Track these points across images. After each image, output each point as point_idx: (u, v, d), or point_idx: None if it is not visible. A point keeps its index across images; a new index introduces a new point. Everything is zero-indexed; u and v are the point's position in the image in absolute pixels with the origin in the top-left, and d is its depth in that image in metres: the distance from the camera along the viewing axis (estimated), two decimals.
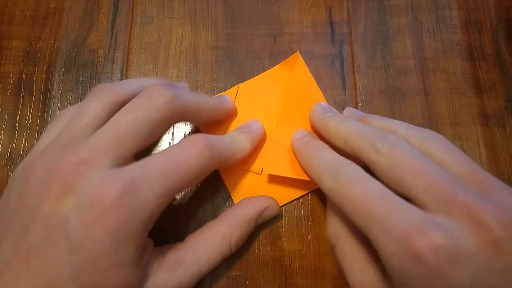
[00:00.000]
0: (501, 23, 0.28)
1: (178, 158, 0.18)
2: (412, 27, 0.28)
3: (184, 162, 0.18)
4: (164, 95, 0.19)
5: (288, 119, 0.24)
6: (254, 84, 0.26)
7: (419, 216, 0.15)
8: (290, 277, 0.23)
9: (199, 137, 0.19)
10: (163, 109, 0.18)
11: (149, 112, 0.18)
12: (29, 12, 0.28)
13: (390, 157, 0.18)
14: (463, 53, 0.27)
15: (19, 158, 0.25)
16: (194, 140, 0.19)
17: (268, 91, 0.26)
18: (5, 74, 0.26)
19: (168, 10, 0.28)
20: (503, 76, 0.27)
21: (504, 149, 0.25)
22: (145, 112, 0.18)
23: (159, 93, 0.19)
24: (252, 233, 0.23)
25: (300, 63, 0.26)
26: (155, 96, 0.18)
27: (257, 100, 0.25)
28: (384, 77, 0.27)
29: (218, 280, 0.22)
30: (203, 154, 0.18)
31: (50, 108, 0.26)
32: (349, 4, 0.28)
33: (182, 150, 0.18)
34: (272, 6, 0.28)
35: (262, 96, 0.25)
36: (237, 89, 0.26)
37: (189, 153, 0.18)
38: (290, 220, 0.24)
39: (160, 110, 0.18)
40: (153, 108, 0.18)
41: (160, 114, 0.18)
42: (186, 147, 0.18)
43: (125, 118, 0.18)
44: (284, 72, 0.26)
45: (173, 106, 0.19)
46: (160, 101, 0.18)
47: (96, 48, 0.27)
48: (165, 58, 0.27)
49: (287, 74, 0.26)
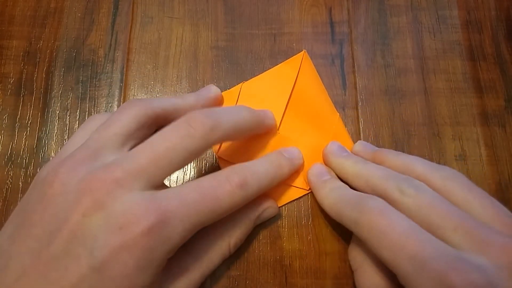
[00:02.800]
0: (501, 23, 0.28)
1: (211, 195, 0.18)
2: (412, 26, 0.28)
3: (216, 199, 0.18)
4: (203, 124, 0.18)
5: (292, 117, 0.25)
6: (258, 83, 0.26)
7: (453, 253, 0.16)
8: (290, 277, 0.23)
9: (234, 174, 0.19)
10: (201, 139, 0.18)
11: (187, 142, 0.18)
12: (29, 12, 0.28)
13: (416, 199, 0.18)
14: (463, 53, 0.27)
15: (19, 157, 0.25)
16: (229, 176, 0.18)
17: (272, 90, 0.25)
18: (5, 74, 0.26)
19: (168, 10, 0.28)
20: (503, 75, 0.26)
21: (505, 149, 0.25)
22: (182, 141, 0.18)
23: (199, 122, 0.18)
24: (252, 233, 0.23)
25: (307, 61, 0.26)
26: (194, 126, 0.18)
27: (260, 99, 0.25)
28: (384, 77, 0.27)
29: (218, 280, 0.22)
30: (236, 194, 0.18)
31: (50, 108, 0.26)
32: (349, 4, 0.28)
33: (216, 187, 0.18)
34: (272, 6, 0.28)
35: (265, 95, 0.25)
36: (240, 88, 0.26)
37: (222, 191, 0.18)
38: (290, 220, 0.24)
39: (198, 140, 0.18)
40: (191, 138, 0.18)
41: (198, 144, 0.18)
42: (220, 183, 0.18)
43: (162, 144, 0.18)
44: (290, 70, 0.26)
45: (212, 136, 0.18)
46: (199, 132, 0.18)
47: (96, 48, 0.27)
48: (165, 58, 0.27)
49: (293, 73, 0.26)
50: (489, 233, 0.16)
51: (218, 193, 0.18)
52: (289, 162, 0.22)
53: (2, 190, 0.24)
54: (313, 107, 0.25)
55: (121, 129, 0.19)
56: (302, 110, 0.25)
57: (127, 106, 0.20)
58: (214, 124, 0.19)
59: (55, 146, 0.25)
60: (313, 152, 0.24)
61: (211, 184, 0.18)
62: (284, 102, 0.25)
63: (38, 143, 0.25)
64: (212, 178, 0.18)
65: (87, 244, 0.16)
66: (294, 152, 0.23)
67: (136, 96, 0.26)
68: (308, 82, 0.25)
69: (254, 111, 0.22)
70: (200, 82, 0.26)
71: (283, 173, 0.22)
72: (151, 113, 0.20)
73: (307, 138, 0.24)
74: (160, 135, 0.18)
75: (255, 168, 0.20)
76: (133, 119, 0.19)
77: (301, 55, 0.26)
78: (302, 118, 0.25)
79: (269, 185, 0.21)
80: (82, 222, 0.16)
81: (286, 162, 0.22)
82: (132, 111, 0.19)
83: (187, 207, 0.17)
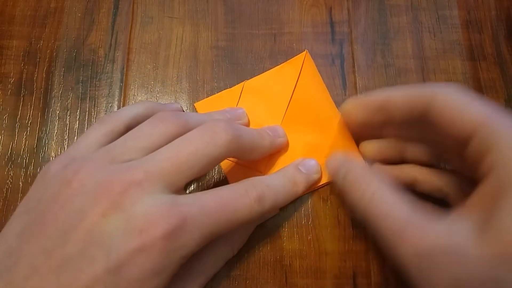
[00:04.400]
0: (502, 22, 0.28)
1: (230, 207, 0.18)
2: (412, 26, 0.28)
3: (235, 211, 0.18)
4: (227, 134, 0.19)
5: (294, 117, 0.25)
6: (260, 82, 0.26)
7: None
8: (290, 277, 0.23)
9: (252, 188, 0.19)
10: (223, 147, 0.18)
11: (210, 148, 0.18)
12: (29, 12, 0.28)
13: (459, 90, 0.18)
14: (463, 53, 0.27)
15: (19, 157, 0.25)
16: (248, 190, 0.19)
17: (274, 89, 0.26)
18: (5, 74, 0.26)
19: (169, 10, 0.28)
20: (503, 75, 0.26)
21: None
22: (206, 147, 0.18)
23: (223, 131, 0.19)
24: (252, 233, 0.23)
25: (308, 61, 0.26)
26: (218, 134, 0.18)
27: (262, 98, 0.25)
28: (384, 77, 0.27)
29: (219, 280, 0.22)
30: (253, 208, 0.18)
31: (50, 108, 0.26)
32: (349, 4, 0.28)
33: (235, 199, 0.18)
34: (272, 6, 0.28)
35: (267, 94, 0.25)
36: (242, 87, 0.26)
37: (241, 204, 0.18)
38: (290, 220, 0.24)
39: (220, 148, 0.18)
40: (214, 145, 0.18)
41: (220, 152, 0.18)
42: (239, 195, 0.18)
43: (185, 149, 0.18)
44: (291, 70, 0.26)
45: (232, 146, 0.19)
46: (222, 140, 0.18)
47: (96, 47, 0.27)
48: (166, 58, 0.27)
49: (294, 73, 0.26)
50: None
51: (236, 205, 0.18)
52: (305, 178, 0.22)
53: (2, 190, 0.24)
54: (315, 107, 0.25)
55: (151, 144, 0.19)
56: (304, 110, 0.25)
57: (162, 120, 0.19)
58: (235, 136, 0.19)
59: (55, 146, 0.25)
60: (314, 151, 0.24)
61: (231, 195, 0.18)
62: (286, 101, 0.25)
63: (38, 143, 0.25)
64: (232, 189, 0.19)
65: (104, 245, 0.15)
66: (311, 165, 0.23)
67: (136, 96, 0.26)
68: (310, 82, 0.26)
69: (263, 134, 0.22)
70: (200, 82, 0.26)
71: (297, 191, 0.22)
72: (183, 131, 0.19)
73: (308, 137, 0.24)
74: (184, 139, 0.18)
75: (273, 182, 0.20)
76: (164, 135, 0.19)
77: (303, 55, 0.26)
78: (304, 117, 0.25)
79: (284, 202, 0.21)
80: (100, 223, 0.16)
81: (302, 179, 0.22)
82: (166, 128, 0.19)
83: (206, 215, 0.17)
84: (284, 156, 0.24)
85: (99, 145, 0.19)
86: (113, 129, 0.20)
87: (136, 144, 0.18)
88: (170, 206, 0.16)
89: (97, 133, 0.20)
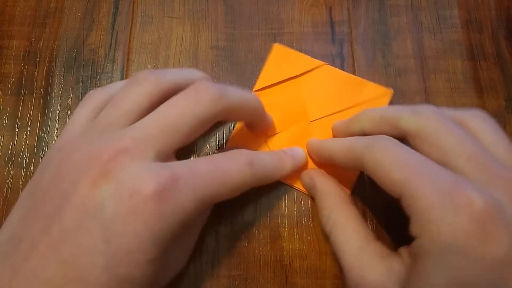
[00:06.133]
0: (502, 22, 0.28)
1: (222, 169, 0.18)
2: (412, 26, 0.28)
3: (228, 174, 0.18)
4: (212, 91, 0.18)
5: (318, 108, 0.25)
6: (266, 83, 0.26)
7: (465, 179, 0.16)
8: (290, 277, 0.23)
9: (242, 154, 0.19)
10: (209, 105, 0.18)
11: (196, 107, 0.18)
12: (29, 12, 0.28)
13: (436, 121, 0.18)
14: (463, 53, 0.27)
15: (20, 157, 0.25)
16: (238, 155, 0.19)
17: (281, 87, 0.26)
18: (5, 74, 0.26)
19: (169, 9, 0.28)
20: (504, 75, 0.26)
21: None
22: (192, 107, 0.18)
23: (207, 89, 0.18)
24: (252, 233, 0.23)
25: (282, 51, 0.26)
26: (202, 93, 0.18)
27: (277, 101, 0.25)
28: (384, 77, 0.27)
29: (219, 280, 0.22)
30: (245, 171, 0.18)
31: (50, 107, 0.26)
32: (349, 4, 0.28)
33: (227, 162, 0.18)
34: (272, 6, 0.28)
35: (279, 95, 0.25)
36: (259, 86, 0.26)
37: (232, 166, 0.18)
38: (290, 220, 0.24)
39: (206, 107, 0.18)
40: (200, 104, 0.18)
41: (206, 111, 0.18)
42: (230, 160, 0.18)
43: (171, 111, 0.18)
44: (280, 64, 0.26)
45: (219, 103, 0.18)
46: (207, 98, 0.18)
47: (96, 47, 0.27)
48: (166, 58, 0.27)
49: (284, 64, 0.26)
50: (501, 168, 0.16)
51: (229, 168, 0.18)
52: (292, 159, 0.22)
53: (3, 190, 0.24)
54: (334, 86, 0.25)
55: (132, 107, 0.18)
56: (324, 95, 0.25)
57: (136, 81, 0.19)
58: (222, 92, 0.19)
59: None
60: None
61: (222, 159, 0.18)
62: (300, 95, 0.25)
63: (39, 143, 0.25)
64: (223, 154, 0.19)
65: (98, 215, 0.15)
66: (297, 151, 0.23)
67: None
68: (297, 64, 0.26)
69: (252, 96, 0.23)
70: None
71: (284, 168, 0.22)
72: (164, 88, 0.19)
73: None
74: (168, 103, 0.18)
75: (261, 154, 0.21)
76: (144, 96, 0.18)
77: (275, 48, 0.26)
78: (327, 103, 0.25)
79: (272, 174, 0.21)
80: (91, 193, 0.15)
81: (289, 160, 0.22)
82: (143, 87, 0.19)
83: (198, 177, 0.17)
84: None
85: (90, 121, 0.20)
86: (99, 104, 0.20)
87: (119, 111, 0.18)
88: (159, 169, 0.16)
89: (87, 109, 0.20)
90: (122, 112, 0.18)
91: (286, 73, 0.26)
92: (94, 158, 0.16)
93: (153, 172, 0.16)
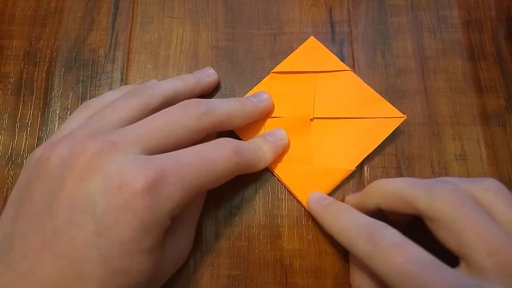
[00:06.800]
0: (502, 22, 0.28)
1: (208, 158, 0.18)
2: (412, 26, 0.28)
3: (213, 163, 0.18)
4: (199, 107, 0.20)
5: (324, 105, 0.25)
6: (285, 68, 0.26)
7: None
8: (290, 277, 0.23)
9: (228, 142, 0.20)
10: (197, 119, 0.19)
11: (183, 118, 0.19)
12: (29, 12, 0.28)
13: (453, 206, 0.16)
14: (463, 53, 0.27)
15: (20, 157, 0.25)
16: (223, 144, 0.20)
17: (298, 78, 0.26)
18: (5, 74, 0.26)
19: (169, 9, 0.28)
20: (504, 75, 0.26)
21: (505, 149, 0.25)
22: (180, 117, 0.19)
23: (194, 106, 0.20)
24: (252, 233, 0.23)
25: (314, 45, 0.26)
26: (191, 109, 0.20)
27: (288, 89, 0.25)
28: (384, 77, 0.27)
29: (219, 280, 0.22)
30: (231, 159, 0.19)
31: (50, 107, 0.26)
32: (349, 4, 0.28)
33: (212, 151, 0.19)
34: (272, 6, 0.28)
35: (293, 84, 0.26)
36: (269, 80, 0.26)
37: (218, 154, 0.19)
38: (290, 220, 0.24)
39: (194, 120, 0.19)
40: (188, 117, 0.19)
41: (194, 122, 0.19)
42: (215, 149, 0.19)
43: (161, 117, 0.19)
44: (306, 55, 0.26)
45: (205, 118, 0.20)
46: (196, 113, 0.20)
47: (96, 47, 0.27)
48: (166, 58, 0.27)
49: (310, 57, 0.26)
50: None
51: (214, 156, 0.19)
52: (273, 145, 0.23)
53: (2, 190, 0.24)
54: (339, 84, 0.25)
55: (126, 115, 0.19)
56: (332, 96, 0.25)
57: (132, 94, 0.21)
58: (208, 109, 0.20)
59: None
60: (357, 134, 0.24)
61: (207, 148, 0.19)
62: (312, 90, 0.25)
63: (39, 143, 0.25)
64: (207, 144, 0.19)
65: (88, 209, 0.15)
66: (277, 133, 0.24)
67: None
68: (326, 63, 0.26)
69: (245, 101, 0.23)
70: None
71: (266, 157, 0.23)
72: (155, 102, 0.21)
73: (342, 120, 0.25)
74: (159, 113, 0.19)
75: (243, 143, 0.21)
76: (137, 107, 0.20)
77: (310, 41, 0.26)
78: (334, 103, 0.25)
79: (257, 163, 0.22)
80: (80, 187, 0.16)
81: (269, 146, 0.23)
82: (136, 100, 0.20)
83: (185, 166, 0.17)
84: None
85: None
86: (95, 112, 0.20)
87: (113, 117, 0.19)
88: (146, 161, 0.17)
89: (79, 117, 0.20)
90: (115, 118, 0.19)
91: (309, 65, 0.26)
92: (80, 152, 0.16)
93: (140, 164, 0.16)
